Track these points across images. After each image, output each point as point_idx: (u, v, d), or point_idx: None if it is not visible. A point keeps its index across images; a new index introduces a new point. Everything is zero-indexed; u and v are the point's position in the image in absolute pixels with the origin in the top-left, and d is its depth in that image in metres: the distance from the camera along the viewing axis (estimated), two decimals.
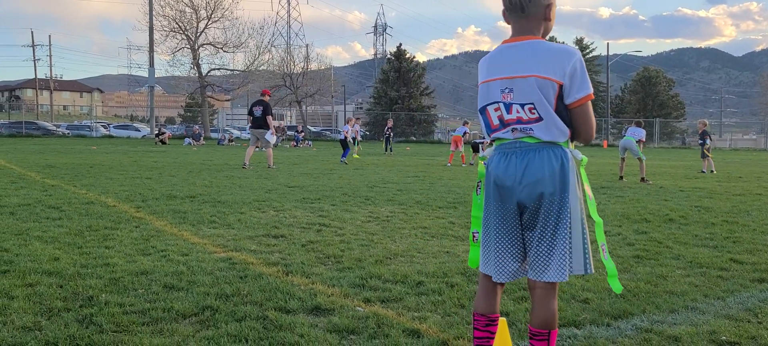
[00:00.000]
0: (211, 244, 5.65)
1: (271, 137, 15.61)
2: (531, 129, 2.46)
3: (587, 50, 72.87)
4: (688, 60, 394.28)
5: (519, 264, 2.56)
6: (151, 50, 46.88)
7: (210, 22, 49.69)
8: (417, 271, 4.75)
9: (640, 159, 14.10)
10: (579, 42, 74.39)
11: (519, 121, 2.47)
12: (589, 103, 2.48)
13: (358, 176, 13.70)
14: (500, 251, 2.55)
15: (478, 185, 2.67)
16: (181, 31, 48.95)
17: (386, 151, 27.84)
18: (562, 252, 2.46)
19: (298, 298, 3.95)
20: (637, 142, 14.42)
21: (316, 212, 7.87)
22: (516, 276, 2.56)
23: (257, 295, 4.00)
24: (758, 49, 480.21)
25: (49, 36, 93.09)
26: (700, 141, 18.51)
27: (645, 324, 3.57)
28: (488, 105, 2.55)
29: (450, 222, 7.29)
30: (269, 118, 15.58)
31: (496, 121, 2.54)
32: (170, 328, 3.38)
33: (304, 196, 9.54)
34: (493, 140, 2.63)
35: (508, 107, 2.48)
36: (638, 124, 15.20)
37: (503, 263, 2.54)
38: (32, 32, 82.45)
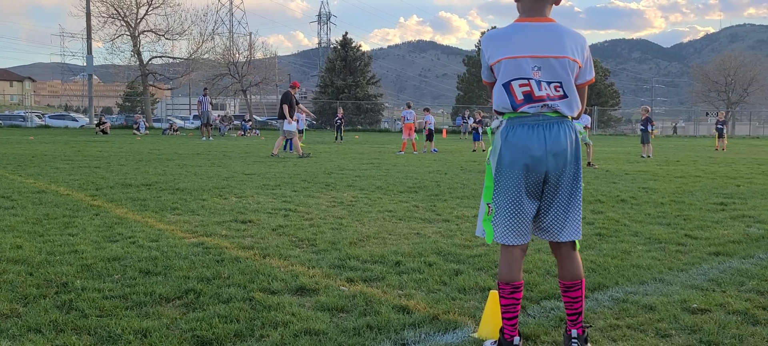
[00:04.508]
0: (179, 230, 5.55)
1: (289, 126, 16.05)
2: (557, 105, 2.69)
3: None
4: (620, 51, 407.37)
5: (530, 226, 2.78)
6: (89, 37, 45.07)
7: (151, 9, 48.07)
8: (392, 251, 4.80)
9: (586, 144, 14.59)
10: None
11: (548, 97, 2.67)
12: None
13: (313, 164, 13.63)
14: (520, 216, 2.71)
15: (491, 157, 2.78)
16: (120, 18, 47.21)
17: (337, 139, 27.80)
18: (576, 214, 2.77)
19: (280, 279, 3.94)
20: (583, 127, 14.92)
21: (279, 197, 7.81)
22: (529, 237, 2.77)
23: (238, 277, 3.97)
24: (685, 40, 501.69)
25: None
26: (642, 127, 19.28)
27: (620, 295, 3.74)
28: (514, 80, 2.69)
29: (414, 205, 7.37)
30: (284, 107, 15.96)
31: (520, 97, 2.69)
32: (156, 311, 3.33)
33: (264, 183, 9.45)
34: (501, 113, 2.77)
35: (539, 84, 2.66)
36: (584, 111, 15.88)
37: (522, 227, 2.73)
38: None
